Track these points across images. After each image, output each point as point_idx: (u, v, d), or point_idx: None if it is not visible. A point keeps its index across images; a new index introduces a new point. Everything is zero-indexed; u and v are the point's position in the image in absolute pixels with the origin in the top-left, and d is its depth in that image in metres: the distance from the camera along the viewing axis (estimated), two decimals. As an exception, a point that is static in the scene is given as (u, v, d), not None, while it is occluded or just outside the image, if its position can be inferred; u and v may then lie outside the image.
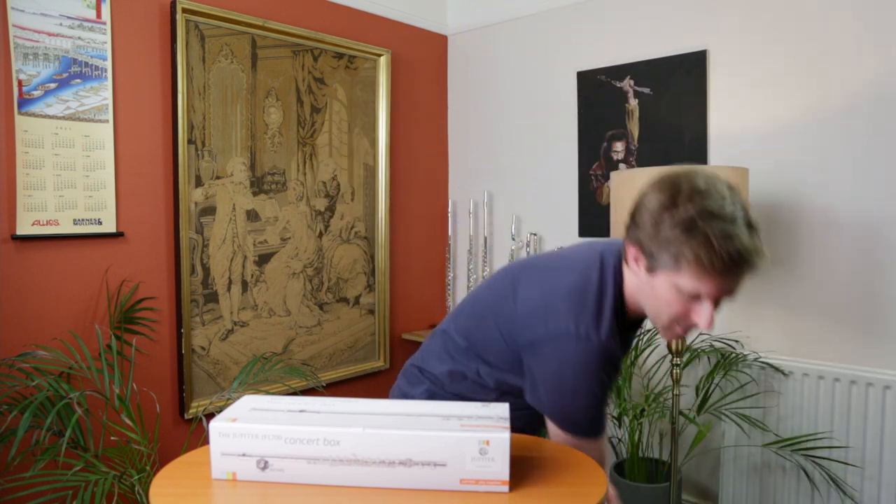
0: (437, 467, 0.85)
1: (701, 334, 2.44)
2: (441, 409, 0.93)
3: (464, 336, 1.25)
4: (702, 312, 1.00)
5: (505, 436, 0.84)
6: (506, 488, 0.85)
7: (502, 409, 0.94)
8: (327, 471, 0.85)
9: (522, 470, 0.92)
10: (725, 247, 0.93)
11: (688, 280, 0.97)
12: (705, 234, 0.94)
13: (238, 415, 0.89)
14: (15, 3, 1.90)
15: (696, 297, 1.00)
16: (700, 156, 2.47)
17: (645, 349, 2.43)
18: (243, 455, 0.86)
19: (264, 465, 0.86)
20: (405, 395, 1.33)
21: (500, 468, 0.85)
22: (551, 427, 1.15)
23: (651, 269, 1.02)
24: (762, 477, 2.30)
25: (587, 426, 1.12)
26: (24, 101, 1.93)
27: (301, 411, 0.91)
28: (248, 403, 0.95)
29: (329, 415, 0.90)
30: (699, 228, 0.94)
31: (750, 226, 0.97)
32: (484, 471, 0.84)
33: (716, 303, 1.00)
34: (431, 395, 1.28)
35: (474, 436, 0.84)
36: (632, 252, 1.06)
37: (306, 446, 0.85)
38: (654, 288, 1.03)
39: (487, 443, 0.84)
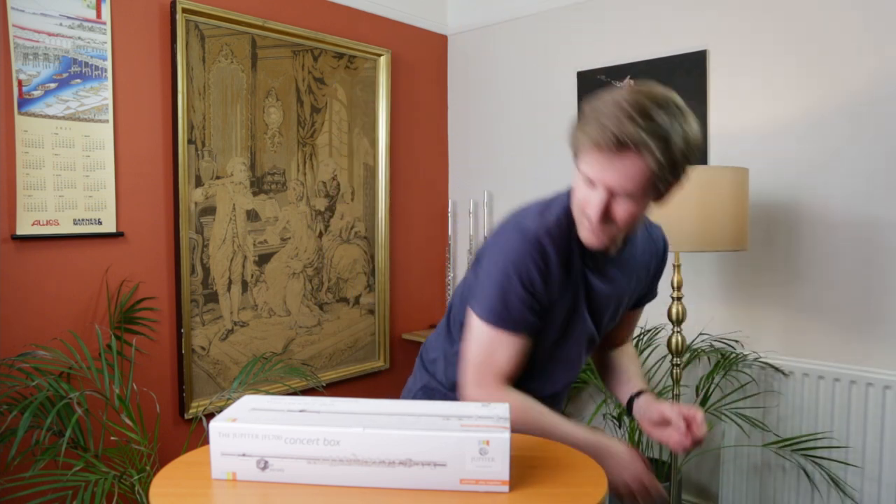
0: (437, 467, 0.85)
1: (701, 334, 2.44)
2: (441, 409, 0.93)
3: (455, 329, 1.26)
4: (593, 200, 1.03)
5: (505, 436, 0.84)
6: (506, 488, 0.85)
7: (502, 410, 0.94)
8: (327, 471, 0.85)
9: (522, 470, 0.92)
10: (613, 128, 0.96)
11: (586, 165, 1.02)
12: (603, 118, 0.97)
13: (238, 415, 0.89)
14: (15, 3, 1.90)
15: (592, 187, 1.03)
16: (700, 156, 2.47)
17: (645, 349, 2.43)
18: (243, 455, 0.86)
19: (264, 465, 0.86)
20: (408, 389, 1.35)
21: (500, 468, 0.85)
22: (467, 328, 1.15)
23: (577, 165, 1.06)
24: (762, 477, 2.30)
25: (495, 308, 1.09)
26: (24, 101, 1.93)
27: (301, 411, 0.91)
28: (248, 403, 0.95)
29: (329, 415, 0.90)
30: (601, 112, 0.98)
31: (651, 119, 0.96)
32: (484, 471, 0.85)
33: (612, 194, 1.01)
34: (427, 385, 1.30)
35: (474, 436, 0.84)
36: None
37: (306, 446, 0.85)
38: (576, 183, 1.08)
39: (487, 443, 0.84)
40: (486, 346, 1.11)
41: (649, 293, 1.36)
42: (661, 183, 1.02)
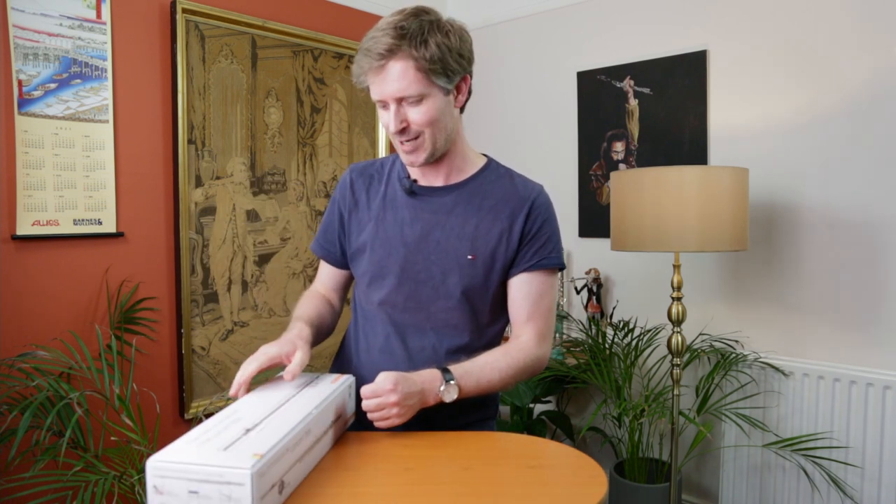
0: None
1: (701, 334, 2.44)
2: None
3: None
4: (388, 116, 1.15)
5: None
6: None
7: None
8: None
9: (523, 470, 0.92)
10: (371, 51, 1.10)
11: (373, 93, 1.15)
12: (363, 48, 1.13)
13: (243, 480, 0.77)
14: (15, 3, 1.90)
15: (385, 108, 1.15)
16: (700, 156, 2.47)
17: (645, 349, 2.43)
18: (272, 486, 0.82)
19: (281, 487, 0.84)
20: None
21: None
22: None
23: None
24: (762, 477, 2.30)
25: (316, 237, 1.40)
26: (24, 102, 1.93)
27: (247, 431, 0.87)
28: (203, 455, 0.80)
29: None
30: (362, 46, 1.14)
31: (401, 28, 1.10)
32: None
33: (400, 103, 1.13)
34: None
35: None
36: None
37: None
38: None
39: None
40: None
41: (529, 256, 1.26)
42: (435, 76, 1.11)
